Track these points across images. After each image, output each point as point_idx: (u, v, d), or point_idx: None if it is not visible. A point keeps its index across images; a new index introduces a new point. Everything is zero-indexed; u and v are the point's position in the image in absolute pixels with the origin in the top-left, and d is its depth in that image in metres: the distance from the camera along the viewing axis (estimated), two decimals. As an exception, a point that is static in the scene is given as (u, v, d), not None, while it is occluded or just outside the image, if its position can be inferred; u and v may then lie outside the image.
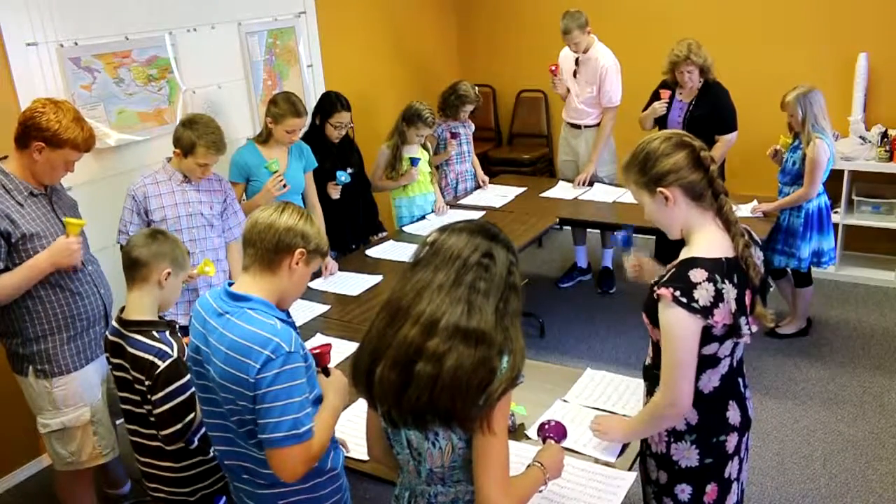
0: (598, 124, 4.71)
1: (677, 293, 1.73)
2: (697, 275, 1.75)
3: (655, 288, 1.80)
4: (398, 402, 1.48)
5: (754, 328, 1.87)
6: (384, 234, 4.20)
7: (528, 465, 1.71)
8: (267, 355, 1.66)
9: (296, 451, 1.68)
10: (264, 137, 3.56)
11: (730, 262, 1.80)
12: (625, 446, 2.08)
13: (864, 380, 3.76)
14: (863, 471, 3.12)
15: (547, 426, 1.87)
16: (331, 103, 3.82)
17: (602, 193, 4.51)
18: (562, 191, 4.64)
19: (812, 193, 3.79)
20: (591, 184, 4.66)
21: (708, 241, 1.82)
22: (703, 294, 1.73)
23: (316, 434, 1.73)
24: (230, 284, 1.82)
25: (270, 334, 1.68)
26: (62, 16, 3.32)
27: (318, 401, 1.85)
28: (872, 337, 4.18)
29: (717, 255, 1.79)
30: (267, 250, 1.77)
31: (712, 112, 4.18)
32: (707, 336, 1.79)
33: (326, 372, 1.92)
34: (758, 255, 1.90)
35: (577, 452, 2.05)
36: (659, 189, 1.82)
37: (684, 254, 1.84)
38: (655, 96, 4.36)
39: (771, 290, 1.99)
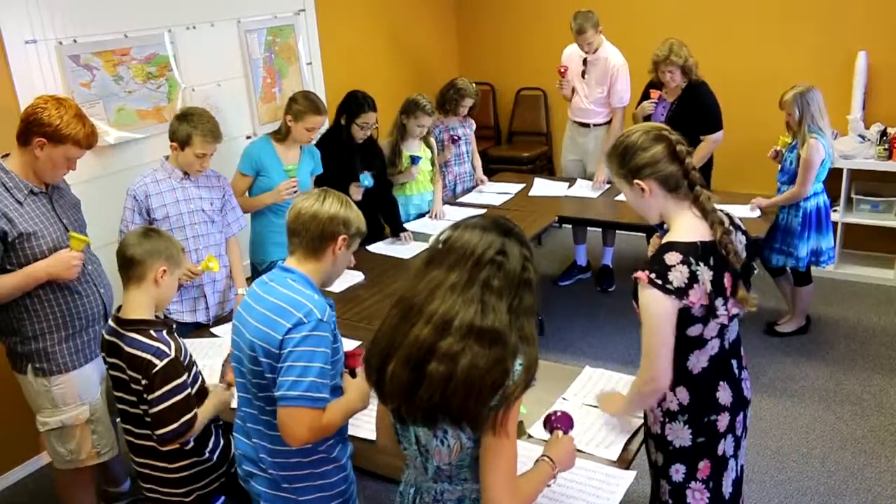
0: (607, 122, 4.68)
1: (653, 275, 1.82)
2: (672, 258, 1.83)
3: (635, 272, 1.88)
4: (409, 400, 1.48)
5: (735, 311, 1.92)
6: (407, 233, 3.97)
7: (537, 461, 1.71)
8: (299, 318, 1.75)
9: (306, 413, 1.74)
10: (283, 135, 3.54)
11: (706, 245, 1.87)
12: (626, 444, 2.08)
13: (863, 378, 3.77)
14: (861, 468, 3.12)
15: (554, 417, 1.91)
16: (358, 103, 3.76)
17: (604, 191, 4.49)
18: (582, 190, 4.53)
19: (804, 193, 3.79)
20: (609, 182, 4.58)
21: (685, 226, 1.90)
22: (678, 276, 1.81)
23: (328, 410, 1.78)
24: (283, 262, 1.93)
25: (306, 300, 1.79)
26: (61, 13, 3.32)
27: (336, 389, 1.89)
28: (871, 335, 4.18)
29: (693, 239, 1.86)
30: (312, 239, 1.88)
31: (694, 112, 4.16)
32: (689, 317, 1.86)
33: (353, 374, 1.98)
34: (739, 240, 1.96)
35: (576, 451, 2.05)
36: (636, 181, 1.90)
37: (664, 239, 1.92)
38: (646, 95, 4.35)
39: (755, 272, 2.03)
